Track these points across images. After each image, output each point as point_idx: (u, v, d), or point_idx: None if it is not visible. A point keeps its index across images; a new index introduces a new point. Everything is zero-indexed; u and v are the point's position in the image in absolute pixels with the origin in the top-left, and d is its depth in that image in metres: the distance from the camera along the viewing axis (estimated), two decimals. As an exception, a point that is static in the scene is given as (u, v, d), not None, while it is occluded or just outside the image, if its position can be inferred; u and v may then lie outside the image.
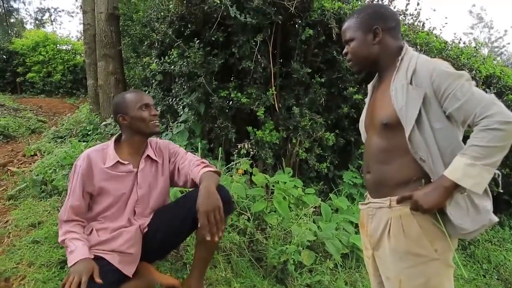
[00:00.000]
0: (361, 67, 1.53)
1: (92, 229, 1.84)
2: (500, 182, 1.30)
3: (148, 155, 1.96)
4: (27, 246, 2.37)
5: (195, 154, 3.24)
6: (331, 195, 3.67)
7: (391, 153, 1.38)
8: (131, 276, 1.79)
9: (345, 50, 1.54)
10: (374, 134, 1.46)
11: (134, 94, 1.92)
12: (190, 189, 2.11)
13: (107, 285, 1.60)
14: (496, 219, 1.27)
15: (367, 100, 1.62)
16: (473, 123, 1.24)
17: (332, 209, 3.41)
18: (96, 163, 1.83)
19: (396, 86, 1.35)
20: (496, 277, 4.34)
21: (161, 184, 2.01)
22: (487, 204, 1.27)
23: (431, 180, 1.30)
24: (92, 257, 1.70)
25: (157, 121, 1.92)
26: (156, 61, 4.10)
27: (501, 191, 1.35)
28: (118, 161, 1.86)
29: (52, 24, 26.28)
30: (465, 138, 1.27)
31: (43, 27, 24.73)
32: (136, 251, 1.85)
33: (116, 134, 1.97)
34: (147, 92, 4.90)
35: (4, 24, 22.28)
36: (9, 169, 3.96)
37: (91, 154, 1.85)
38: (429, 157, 1.29)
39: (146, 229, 1.93)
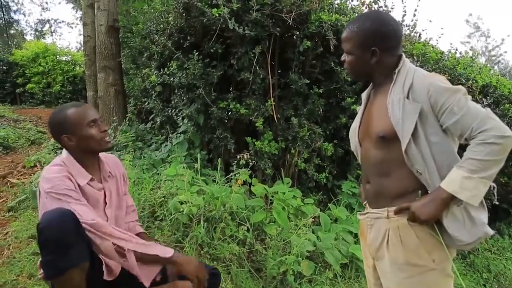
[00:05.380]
0: (357, 78, 1.60)
1: None
2: (495, 194, 1.33)
3: (109, 172, 1.80)
4: (27, 258, 2.38)
5: (194, 165, 3.28)
6: (330, 205, 3.68)
7: (389, 165, 1.40)
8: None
9: (343, 58, 1.53)
10: (370, 146, 1.47)
11: (78, 110, 1.65)
12: None
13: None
14: (491, 232, 1.29)
15: (360, 108, 1.63)
16: (470, 137, 1.26)
17: (331, 219, 3.42)
18: (71, 180, 1.59)
19: (393, 99, 1.37)
20: (496, 286, 4.33)
21: (123, 201, 1.88)
22: (483, 216, 1.29)
23: (428, 192, 1.31)
24: None
25: (107, 137, 1.71)
26: (155, 73, 4.14)
27: (497, 202, 1.36)
28: (91, 178, 1.66)
29: (52, 35, 26.44)
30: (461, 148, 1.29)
31: (43, 38, 24.87)
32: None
33: (64, 151, 1.70)
34: (146, 103, 4.94)
35: (4, 35, 22.42)
36: (9, 181, 3.97)
37: (59, 171, 1.58)
38: (425, 170, 1.30)
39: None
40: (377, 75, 1.48)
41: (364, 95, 1.62)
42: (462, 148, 1.32)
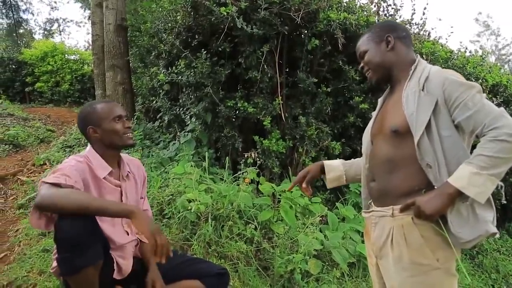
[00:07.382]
0: (378, 75, 1.55)
1: None
2: (503, 193, 1.31)
3: (128, 172, 1.85)
4: (37, 254, 2.41)
5: (202, 163, 3.30)
6: (337, 204, 3.67)
7: (398, 162, 1.39)
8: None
9: (361, 65, 1.61)
10: (381, 142, 1.47)
11: (106, 105, 1.76)
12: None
13: None
14: (492, 230, 1.25)
15: (375, 112, 1.63)
16: (481, 133, 1.25)
17: (338, 218, 3.42)
18: (90, 171, 1.65)
19: (408, 93, 1.38)
20: (505, 287, 4.30)
21: (139, 203, 1.90)
22: (489, 215, 1.27)
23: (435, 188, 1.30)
24: None
25: (130, 134, 1.78)
26: (163, 71, 4.16)
27: (504, 202, 1.35)
28: (111, 171, 1.72)
29: (60, 34, 26.54)
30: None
31: (52, 37, 24.99)
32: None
33: (88, 145, 1.77)
34: (154, 102, 4.96)
35: (14, 34, 22.60)
36: (19, 178, 4.01)
37: (79, 160, 1.64)
38: (436, 164, 1.30)
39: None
40: (395, 70, 1.51)
41: (380, 100, 1.64)
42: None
